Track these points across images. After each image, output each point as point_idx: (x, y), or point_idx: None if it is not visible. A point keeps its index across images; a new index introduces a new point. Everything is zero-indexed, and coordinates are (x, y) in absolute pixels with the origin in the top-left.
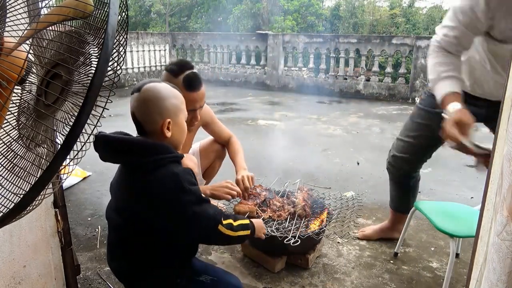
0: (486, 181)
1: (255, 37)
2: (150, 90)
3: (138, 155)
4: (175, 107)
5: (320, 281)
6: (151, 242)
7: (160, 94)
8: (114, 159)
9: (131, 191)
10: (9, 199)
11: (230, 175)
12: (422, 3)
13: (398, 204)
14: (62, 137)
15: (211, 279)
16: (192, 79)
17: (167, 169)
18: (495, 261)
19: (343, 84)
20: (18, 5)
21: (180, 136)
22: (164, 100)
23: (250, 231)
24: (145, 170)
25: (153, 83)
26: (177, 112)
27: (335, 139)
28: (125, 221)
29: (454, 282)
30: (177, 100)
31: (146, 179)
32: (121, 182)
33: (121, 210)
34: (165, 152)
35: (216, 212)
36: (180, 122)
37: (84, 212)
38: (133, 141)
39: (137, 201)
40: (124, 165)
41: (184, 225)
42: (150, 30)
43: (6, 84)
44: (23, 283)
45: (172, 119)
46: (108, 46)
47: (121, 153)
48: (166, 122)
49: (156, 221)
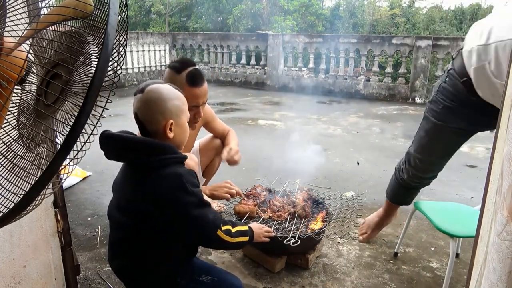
0: (486, 181)
1: (255, 37)
2: (153, 91)
3: (143, 154)
4: (178, 108)
5: (320, 281)
6: (152, 241)
7: (163, 96)
8: (119, 158)
9: (135, 190)
10: (9, 199)
11: (229, 174)
12: (422, 3)
13: (398, 200)
14: (62, 137)
15: (212, 279)
16: (195, 75)
17: (172, 169)
18: (495, 261)
19: (343, 84)
20: (18, 5)
21: (182, 136)
22: (166, 102)
23: (249, 238)
24: (150, 169)
25: (156, 84)
26: (179, 113)
27: (335, 139)
28: (127, 219)
29: (454, 282)
30: (179, 101)
31: (151, 178)
32: (125, 181)
33: (124, 208)
34: (170, 152)
35: (216, 217)
36: (182, 123)
37: (84, 212)
38: (138, 140)
39: (141, 199)
40: (129, 164)
41: (184, 226)
42: (150, 30)
43: (6, 84)
44: (23, 283)
45: (175, 120)
46: (108, 46)
47: (126, 151)
48: (168, 123)
49: (158, 220)
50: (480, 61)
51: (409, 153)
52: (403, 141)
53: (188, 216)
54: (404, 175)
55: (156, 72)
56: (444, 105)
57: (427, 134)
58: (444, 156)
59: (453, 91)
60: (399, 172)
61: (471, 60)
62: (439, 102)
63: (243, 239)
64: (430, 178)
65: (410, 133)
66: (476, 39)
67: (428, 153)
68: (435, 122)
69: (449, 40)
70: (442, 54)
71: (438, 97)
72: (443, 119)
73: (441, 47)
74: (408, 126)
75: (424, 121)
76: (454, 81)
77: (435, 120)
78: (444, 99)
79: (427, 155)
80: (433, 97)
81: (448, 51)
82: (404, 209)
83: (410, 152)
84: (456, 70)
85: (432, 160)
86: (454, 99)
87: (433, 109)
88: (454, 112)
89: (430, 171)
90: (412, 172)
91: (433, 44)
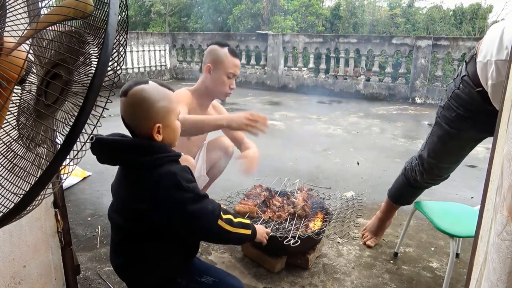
0: (486, 181)
1: (255, 37)
2: (136, 95)
3: (134, 156)
4: (164, 110)
5: (320, 281)
6: (151, 241)
7: (147, 99)
8: (111, 161)
9: (130, 191)
10: (9, 199)
11: (229, 174)
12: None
13: (403, 200)
14: (62, 137)
15: (213, 280)
16: (234, 50)
17: (165, 168)
18: (495, 261)
19: (343, 84)
20: (18, 5)
21: (172, 136)
22: (152, 105)
23: (251, 231)
24: (143, 170)
25: (140, 86)
26: (166, 114)
27: (335, 139)
28: (125, 221)
29: (454, 282)
30: (166, 101)
31: (144, 179)
32: (120, 183)
33: (121, 210)
34: (162, 151)
35: (215, 207)
36: (171, 123)
37: (84, 212)
38: (129, 143)
39: (135, 201)
40: (122, 166)
41: (183, 224)
42: (150, 30)
43: (6, 84)
44: (23, 283)
45: (162, 122)
46: (108, 46)
47: (117, 154)
48: (155, 128)
49: (154, 221)
50: (500, 76)
51: (422, 157)
52: (403, 141)
53: (187, 212)
54: (418, 177)
55: (156, 72)
56: (457, 113)
57: (440, 140)
58: (459, 160)
59: (467, 99)
60: (411, 173)
61: (488, 74)
62: (452, 109)
63: (245, 231)
64: (445, 178)
65: (410, 133)
66: (494, 51)
67: (442, 158)
68: (448, 130)
69: (449, 40)
70: (442, 54)
71: (451, 104)
72: (457, 127)
73: (441, 47)
74: (408, 126)
75: (436, 126)
76: (468, 89)
77: (448, 128)
78: (457, 107)
79: (441, 161)
80: (446, 103)
81: (448, 51)
82: (404, 209)
83: (423, 156)
84: (471, 78)
85: (447, 166)
86: (468, 107)
87: (446, 116)
88: (468, 120)
89: (445, 173)
90: (427, 176)
91: (433, 44)
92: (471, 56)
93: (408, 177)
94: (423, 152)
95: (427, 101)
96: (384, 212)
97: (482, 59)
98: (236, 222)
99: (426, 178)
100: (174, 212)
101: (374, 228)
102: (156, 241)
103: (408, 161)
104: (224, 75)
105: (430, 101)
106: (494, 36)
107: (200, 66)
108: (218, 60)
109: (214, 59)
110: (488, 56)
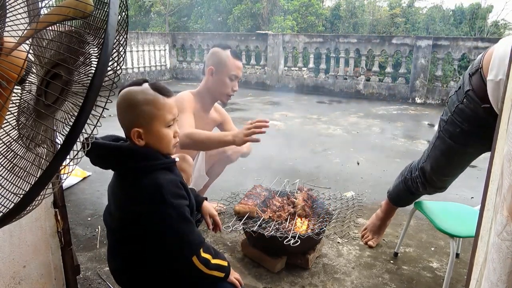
0: (486, 181)
1: (255, 37)
2: (122, 96)
3: (124, 161)
4: (148, 114)
5: (320, 281)
6: (144, 245)
7: (129, 101)
8: (103, 164)
9: (120, 196)
10: (9, 199)
11: (229, 174)
12: (422, 3)
13: (403, 204)
14: (62, 137)
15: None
16: (237, 52)
17: (152, 178)
18: (495, 261)
19: (343, 84)
20: (18, 5)
21: (159, 144)
22: (133, 108)
23: (224, 275)
24: (133, 176)
25: (128, 88)
26: (149, 120)
27: (335, 139)
28: (117, 224)
29: (454, 282)
30: (150, 106)
31: (132, 187)
32: (112, 187)
33: (113, 213)
34: (153, 158)
35: (196, 240)
36: (155, 130)
37: (84, 212)
38: (121, 148)
39: (124, 206)
40: (114, 171)
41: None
42: (150, 30)
43: (6, 84)
44: (23, 283)
45: (144, 127)
46: (108, 46)
47: (109, 158)
48: (133, 132)
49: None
50: None
51: (424, 169)
52: (403, 141)
53: (165, 228)
54: (420, 188)
55: (156, 72)
56: (461, 128)
57: (444, 154)
58: (463, 170)
59: (472, 115)
60: (412, 183)
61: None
62: (455, 124)
63: (218, 274)
64: (447, 187)
65: (410, 133)
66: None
67: (446, 172)
68: (452, 145)
69: (449, 40)
70: (442, 54)
71: (454, 118)
72: (461, 142)
73: (441, 47)
74: (408, 126)
75: (439, 140)
76: (473, 104)
77: (452, 143)
78: (461, 122)
79: (444, 174)
80: (448, 117)
81: (448, 51)
82: (404, 209)
83: (425, 169)
84: (476, 93)
85: (450, 178)
86: (473, 123)
87: (449, 131)
88: (472, 135)
89: (448, 184)
90: (429, 188)
91: (433, 44)
92: (476, 69)
93: (409, 187)
94: (425, 165)
95: (427, 101)
96: (384, 211)
97: (493, 78)
98: (213, 264)
99: (429, 190)
100: (153, 224)
101: (374, 227)
102: (147, 245)
103: (407, 169)
104: (226, 77)
105: (430, 101)
106: (505, 52)
107: (203, 68)
108: (221, 63)
109: (217, 62)
110: (501, 75)
